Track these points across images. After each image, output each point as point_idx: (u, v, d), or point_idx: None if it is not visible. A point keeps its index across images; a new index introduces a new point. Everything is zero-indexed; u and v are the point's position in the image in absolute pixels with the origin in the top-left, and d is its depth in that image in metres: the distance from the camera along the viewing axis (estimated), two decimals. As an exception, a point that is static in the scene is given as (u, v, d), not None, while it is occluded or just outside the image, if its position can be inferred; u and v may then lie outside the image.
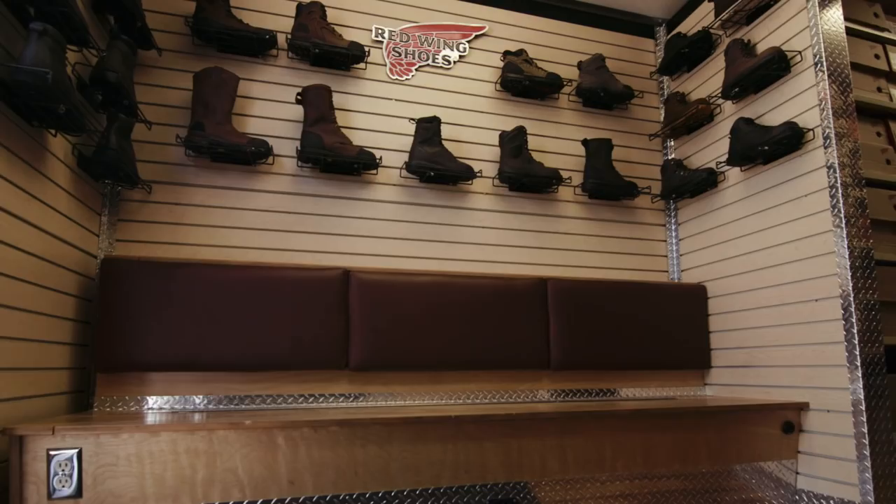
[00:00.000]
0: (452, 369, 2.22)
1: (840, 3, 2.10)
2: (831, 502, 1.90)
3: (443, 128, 2.52)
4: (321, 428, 1.55)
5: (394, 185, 2.45)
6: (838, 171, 1.96)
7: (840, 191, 1.95)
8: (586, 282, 2.45)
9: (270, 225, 2.26)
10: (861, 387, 1.81)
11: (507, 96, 2.71)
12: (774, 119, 2.26)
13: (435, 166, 2.38)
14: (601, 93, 2.71)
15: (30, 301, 1.55)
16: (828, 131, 2.01)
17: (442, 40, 2.65)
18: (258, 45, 2.30)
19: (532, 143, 2.69)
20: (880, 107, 2.33)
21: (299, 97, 2.29)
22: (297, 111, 2.34)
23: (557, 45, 2.85)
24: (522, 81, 2.60)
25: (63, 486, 1.34)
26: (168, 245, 2.13)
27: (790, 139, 2.11)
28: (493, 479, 1.70)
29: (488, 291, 2.28)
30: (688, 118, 2.64)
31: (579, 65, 2.80)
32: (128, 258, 1.93)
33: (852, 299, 1.87)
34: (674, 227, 2.84)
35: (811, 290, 2.05)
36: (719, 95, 2.49)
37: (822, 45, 2.05)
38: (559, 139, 2.76)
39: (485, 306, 2.26)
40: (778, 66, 2.19)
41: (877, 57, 2.37)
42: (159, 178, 2.16)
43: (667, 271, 2.82)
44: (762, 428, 2.01)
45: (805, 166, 2.12)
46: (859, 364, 1.83)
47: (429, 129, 2.40)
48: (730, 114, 2.52)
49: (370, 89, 2.51)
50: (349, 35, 2.50)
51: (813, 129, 2.08)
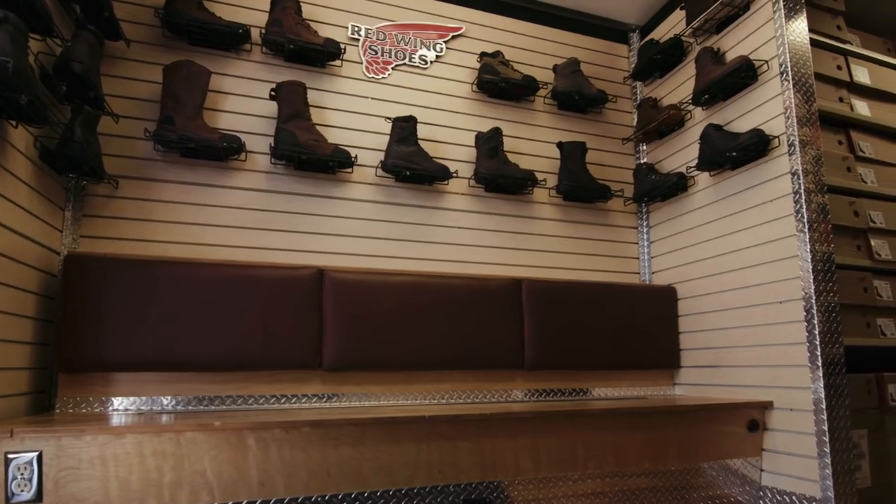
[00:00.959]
0: (427, 369, 2.22)
1: (805, 15, 2.16)
2: (793, 498, 1.96)
3: (419, 127, 2.51)
4: (293, 429, 1.53)
5: (369, 184, 2.44)
6: (802, 177, 2.02)
7: (803, 197, 2.01)
8: (560, 283, 2.48)
9: (243, 223, 2.22)
10: (822, 386, 1.87)
11: (483, 97, 2.72)
12: (742, 126, 2.32)
13: (411, 166, 2.37)
14: (576, 96, 2.74)
15: (-13, 298, 1.48)
16: (792, 139, 2.07)
17: (419, 40, 2.64)
18: (231, 39, 2.26)
19: (508, 144, 2.70)
20: (842, 116, 2.42)
21: (273, 93, 2.25)
22: (271, 107, 2.30)
23: (533, 48, 2.87)
24: (499, 83, 2.61)
25: (22, 491, 1.28)
26: (135, 242, 2.07)
27: (757, 146, 2.17)
28: (466, 478, 1.70)
29: (463, 292, 2.28)
30: (660, 123, 2.70)
31: (555, 68, 2.83)
32: (93, 255, 1.87)
33: (814, 301, 1.93)
34: (645, 230, 2.90)
35: (775, 293, 2.11)
36: (690, 101, 2.54)
37: (787, 55, 2.11)
38: (534, 141, 2.78)
39: (460, 306, 2.26)
40: (746, 74, 2.24)
41: (839, 68, 2.46)
42: (126, 173, 2.10)
43: (638, 273, 2.87)
44: (728, 427, 2.07)
45: (770, 172, 2.18)
46: (820, 364, 1.89)
47: (405, 129, 2.39)
48: (700, 120, 2.58)
49: (346, 87, 2.48)
50: (325, 32, 2.48)
51: (778, 137, 2.14)
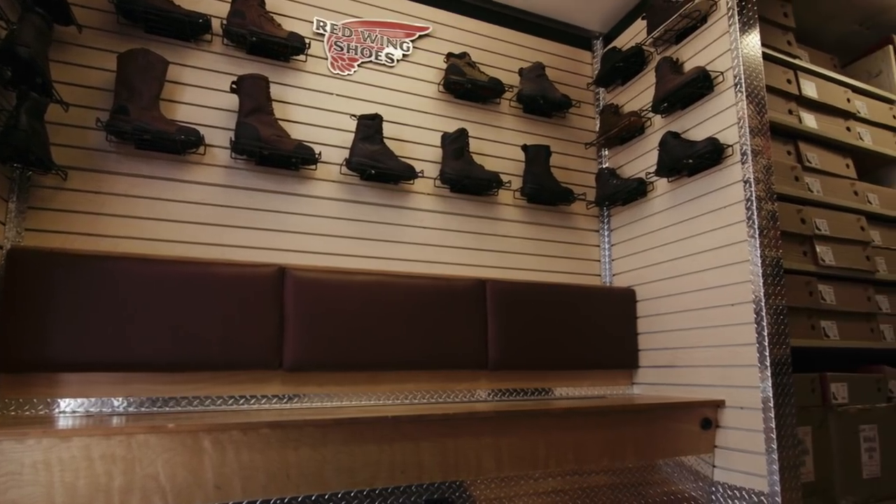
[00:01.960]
0: (391, 369, 2.20)
1: (758, 29, 2.25)
2: (743, 493, 2.03)
3: (385, 126, 2.49)
4: (251, 430, 1.49)
5: (333, 181, 2.40)
6: (753, 185, 2.10)
7: (755, 204, 2.08)
8: (524, 284, 2.50)
9: (201, 218, 2.15)
10: (770, 385, 1.95)
11: (449, 98, 2.72)
12: (698, 134, 2.39)
13: (376, 164, 2.35)
14: (540, 100, 2.78)
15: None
16: (745, 148, 2.14)
17: (385, 38, 2.62)
18: (190, 28, 2.18)
19: (473, 145, 2.71)
20: (791, 128, 2.54)
21: (234, 86, 2.19)
22: (232, 100, 2.24)
23: (499, 51, 2.90)
24: (465, 84, 2.62)
25: (-45, 499, 1.20)
26: (85, 236, 1.97)
27: (712, 154, 2.24)
28: (429, 478, 1.70)
29: (428, 292, 2.27)
30: (621, 129, 2.76)
31: (520, 71, 2.86)
32: (38, 249, 1.77)
33: (763, 304, 2.01)
34: (606, 233, 2.96)
35: (728, 295, 2.18)
36: (650, 109, 2.61)
37: (741, 67, 2.19)
38: (500, 143, 2.81)
39: (424, 306, 2.25)
40: (702, 84, 2.31)
41: (789, 82, 2.58)
42: (76, 164, 2.00)
43: (600, 275, 2.93)
44: (683, 425, 2.13)
45: (724, 180, 2.25)
46: (769, 364, 1.97)
47: (370, 127, 2.37)
48: (659, 127, 2.65)
49: (310, 82, 2.44)
50: (289, 25, 2.43)
51: (732, 146, 2.21)
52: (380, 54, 2.60)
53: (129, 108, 1.97)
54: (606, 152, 3.03)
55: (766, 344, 1.98)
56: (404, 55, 2.65)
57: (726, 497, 2.10)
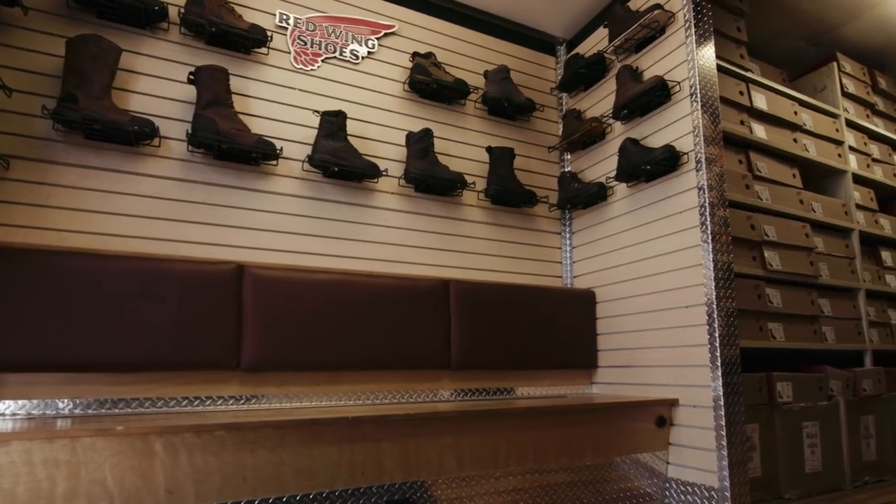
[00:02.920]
0: (352, 369, 2.17)
1: (713, 42, 2.33)
2: (695, 488, 2.10)
3: (349, 123, 2.46)
4: (206, 432, 1.44)
5: (295, 178, 2.36)
6: (707, 192, 2.16)
7: (708, 210, 2.15)
8: (487, 284, 2.51)
9: (155, 213, 2.07)
10: (721, 384, 2.02)
11: (414, 97, 2.71)
12: (656, 141, 2.46)
13: (339, 161, 2.32)
14: (505, 103, 2.80)
15: None
16: (699, 156, 2.21)
17: (350, 34, 2.59)
18: (145, 15, 2.10)
19: (438, 146, 2.71)
20: (743, 138, 2.64)
21: (192, 77, 2.12)
22: (190, 92, 2.17)
23: (465, 52, 2.91)
24: (430, 84, 2.62)
25: None
26: (29, 229, 1.86)
27: (668, 161, 2.30)
28: (390, 479, 1.68)
29: (391, 291, 2.26)
30: (583, 134, 2.81)
31: (485, 74, 2.88)
32: (-25, 242, 1.67)
33: (715, 307, 2.08)
34: (568, 236, 3.01)
35: (682, 298, 2.25)
36: (611, 115, 2.66)
37: (697, 78, 2.26)
38: (465, 144, 2.81)
39: (387, 306, 2.23)
40: (660, 93, 2.37)
41: (741, 93, 2.68)
42: (19, 153, 1.89)
43: (561, 277, 2.97)
44: (639, 423, 2.18)
45: (680, 186, 2.31)
46: (719, 364, 2.03)
47: (334, 123, 2.33)
48: (619, 133, 2.71)
49: (272, 76, 2.39)
50: (251, 17, 2.37)
51: (687, 154, 2.28)
52: (344, 50, 2.57)
53: (79, 97, 1.88)
54: (569, 156, 3.08)
55: (718, 345, 2.05)
56: (369, 52, 2.63)
57: (679, 493, 2.16)
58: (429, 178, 2.52)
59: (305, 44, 2.48)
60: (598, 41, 2.91)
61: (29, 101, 1.93)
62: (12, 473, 1.23)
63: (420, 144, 2.52)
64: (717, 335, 2.05)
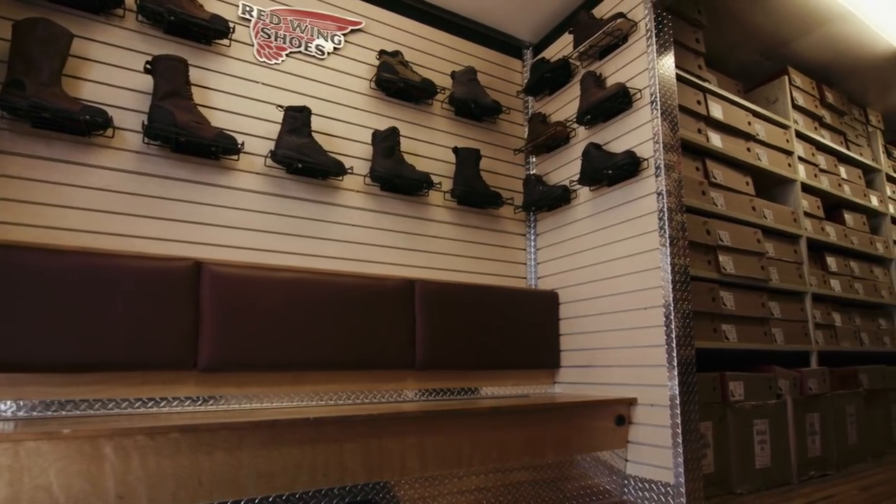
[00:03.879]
0: (315, 370, 2.13)
1: (673, 52, 2.40)
2: (652, 485, 2.15)
3: (314, 120, 2.42)
4: (159, 435, 1.39)
5: (257, 173, 2.30)
6: (666, 197, 2.22)
7: (666, 215, 2.21)
8: (452, 284, 2.51)
9: (109, 206, 1.98)
10: (677, 384, 2.08)
11: (381, 95, 2.69)
12: (619, 147, 2.51)
13: (303, 158, 2.28)
14: (472, 104, 2.81)
15: None
16: (659, 162, 2.27)
17: (316, 29, 2.55)
18: (99, 0, 2.02)
19: (405, 145, 2.70)
20: (700, 146, 2.73)
21: (149, 66, 2.04)
22: (146, 82, 2.09)
23: (433, 52, 2.90)
24: (397, 83, 2.60)
25: None
26: (-33, 220, 1.76)
27: (629, 166, 2.35)
28: (352, 480, 1.66)
29: (355, 290, 2.23)
30: (548, 138, 2.85)
31: (453, 74, 2.88)
32: None
33: (672, 308, 2.14)
34: (533, 237, 3.04)
35: (641, 300, 2.30)
36: (575, 120, 2.71)
37: (657, 86, 2.31)
38: (431, 144, 2.81)
39: (351, 305, 2.20)
40: (622, 100, 2.42)
41: (699, 103, 2.77)
42: (-41, 140, 1.78)
43: (526, 277, 3.00)
44: (599, 422, 2.22)
45: (640, 191, 2.37)
46: (676, 364, 2.09)
47: (298, 119, 2.29)
48: (583, 138, 2.76)
49: (234, 69, 2.33)
50: (212, 7, 2.30)
51: (647, 160, 2.33)
52: (310, 45, 2.52)
53: (26, 83, 1.78)
54: (534, 159, 3.11)
55: (674, 345, 2.10)
56: (335, 48, 2.59)
57: (637, 489, 2.21)
58: (395, 177, 2.50)
59: (269, 37, 2.43)
60: (563, 46, 2.95)
61: (-30, 86, 1.81)
62: (-54, 480, 1.16)
63: (386, 143, 2.50)
64: (674, 336, 2.11)
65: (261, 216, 2.28)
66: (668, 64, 2.36)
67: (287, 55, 2.46)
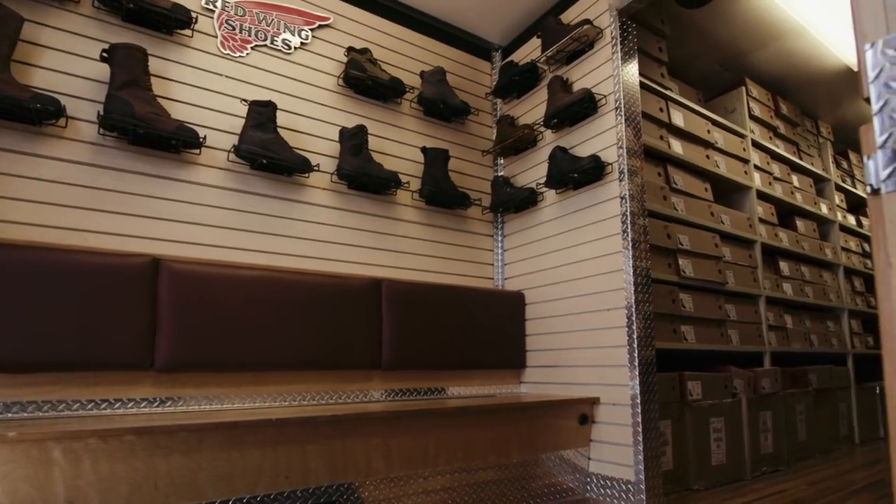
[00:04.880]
0: (279, 370, 2.08)
1: (637, 60, 2.46)
2: (613, 482, 2.19)
3: (279, 115, 2.38)
4: (112, 437, 1.33)
5: (220, 168, 2.24)
6: (629, 201, 2.27)
7: (629, 218, 2.26)
8: (419, 284, 2.50)
9: (60, 200, 1.89)
10: (638, 383, 2.12)
11: (349, 93, 2.66)
12: (584, 151, 2.55)
13: (267, 154, 2.23)
14: (441, 104, 2.81)
15: None
16: (623, 167, 2.32)
17: (283, 22, 2.51)
18: (54, -16, 1.93)
19: (373, 143, 2.68)
20: (662, 152, 2.81)
21: (105, 54, 1.97)
22: (103, 71, 2.01)
23: (402, 51, 2.89)
24: (366, 81, 2.58)
25: None
26: None
27: (594, 170, 2.39)
28: (315, 482, 1.62)
29: (320, 289, 2.19)
30: (515, 140, 2.87)
31: (422, 74, 2.88)
32: None
33: (634, 310, 2.18)
34: (500, 238, 3.06)
35: (605, 301, 2.34)
36: (542, 123, 2.73)
37: (622, 93, 2.36)
38: (400, 143, 2.79)
39: (316, 304, 2.16)
40: (588, 105, 2.46)
41: (661, 110, 2.85)
42: None
43: (492, 278, 3.01)
44: (563, 421, 2.25)
45: (604, 195, 2.41)
46: (637, 364, 2.14)
47: (262, 114, 2.24)
48: (550, 141, 2.80)
49: (197, 60, 2.26)
50: (177, -4, 2.23)
51: (612, 164, 2.37)
52: (276, 39, 2.47)
53: (-28, 66, 1.69)
54: (502, 161, 3.13)
55: (636, 346, 2.15)
56: (302, 43, 2.55)
57: (599, 486, 2.25)
58: (362, 175, 2.47)
59: (234, 29, 2.37)
60: (531, 50, 2.98)
61: None
62: None
63: (354, 141, 2.48)
64: (635, 337, 2.15)
65: (223, 212, 2.22)
66: (632, 71, 2.42)
67: (252, 48, 2.41)
